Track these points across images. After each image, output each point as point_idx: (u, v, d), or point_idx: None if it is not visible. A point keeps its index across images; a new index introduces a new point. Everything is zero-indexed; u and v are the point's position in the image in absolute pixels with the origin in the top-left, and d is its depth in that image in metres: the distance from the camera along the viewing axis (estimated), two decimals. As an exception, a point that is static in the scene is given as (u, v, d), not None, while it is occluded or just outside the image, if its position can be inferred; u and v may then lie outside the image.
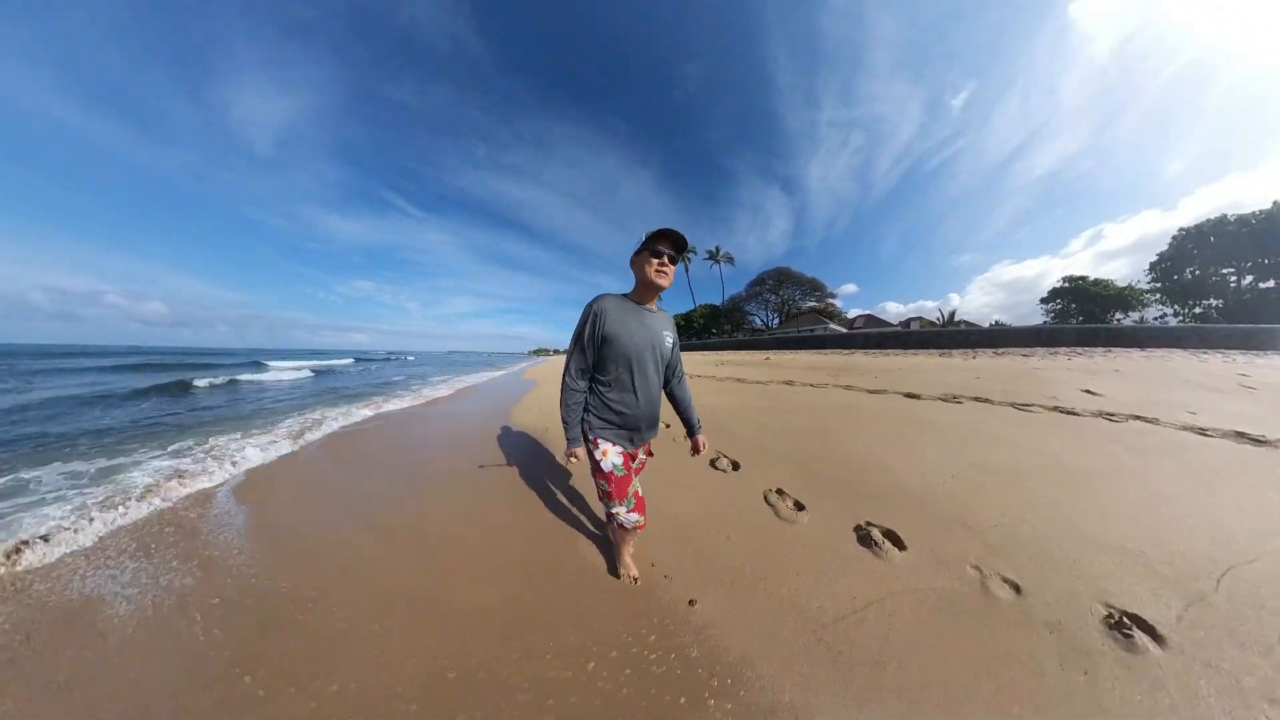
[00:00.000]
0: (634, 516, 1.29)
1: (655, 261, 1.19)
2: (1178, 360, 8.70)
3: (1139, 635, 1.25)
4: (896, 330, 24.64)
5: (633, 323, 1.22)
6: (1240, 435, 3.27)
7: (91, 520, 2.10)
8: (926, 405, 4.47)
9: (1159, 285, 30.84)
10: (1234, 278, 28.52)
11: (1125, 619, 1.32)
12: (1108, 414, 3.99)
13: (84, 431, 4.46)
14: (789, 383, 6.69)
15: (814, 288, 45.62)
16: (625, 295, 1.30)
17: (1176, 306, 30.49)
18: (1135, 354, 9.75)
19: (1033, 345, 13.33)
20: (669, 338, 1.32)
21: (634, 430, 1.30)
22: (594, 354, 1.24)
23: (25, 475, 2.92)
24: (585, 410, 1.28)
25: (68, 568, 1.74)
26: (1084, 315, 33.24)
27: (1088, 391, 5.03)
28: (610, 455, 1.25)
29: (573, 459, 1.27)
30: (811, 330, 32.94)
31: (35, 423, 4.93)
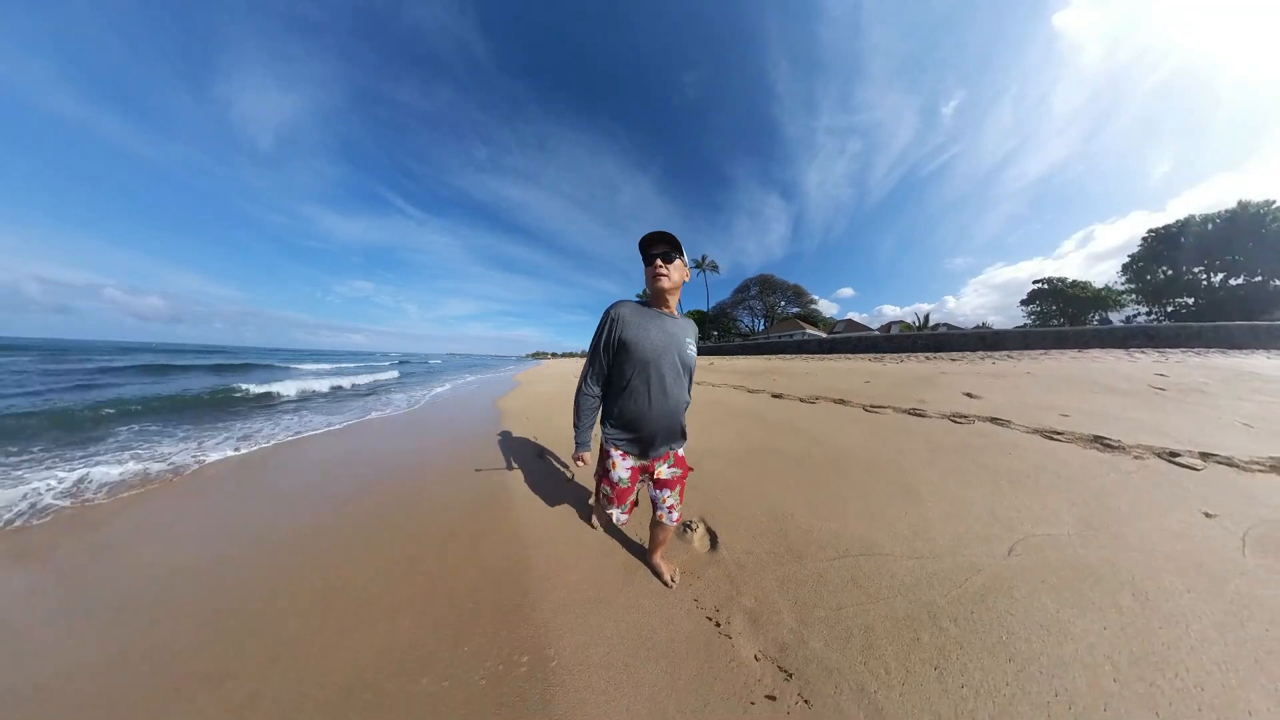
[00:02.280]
0: (624, 518, 1.35)
1: (650, 268, 1.18)
2: (1108, 361, 8.57)
3: (698, 533, 1.78)
4: (848, 336, 25.69)
5: (652, 328, 1.17)
6: (1096, 439, 3.17)
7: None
8: (781, 403, 4.65)
9: (1133, 286, 31.01)
10: (1204, 276, 28.71)
11: (706, 527, 1.82)
12: (961, 416, 3.89)
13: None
14: (697, 383, 6.71)
15: (796, 294, 46.06)
16: (643, 302, 1.26)
17: (1153, 306, 30.64)
18: (1068, 355, 9.63)
19: (976, 349, 13.19)
20: (691, 345, 1.26)
21: (648, 443, 1.24)
22: (609, 360, 1.20)
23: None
24: (603, 417, 1.27)
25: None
26: (1065, 317, 33.36)
27: (969, 394, 4.91)
28: (619, 468, 1.25)
29: (579, 463, 1.30)
30: (790, 336, 32.98)
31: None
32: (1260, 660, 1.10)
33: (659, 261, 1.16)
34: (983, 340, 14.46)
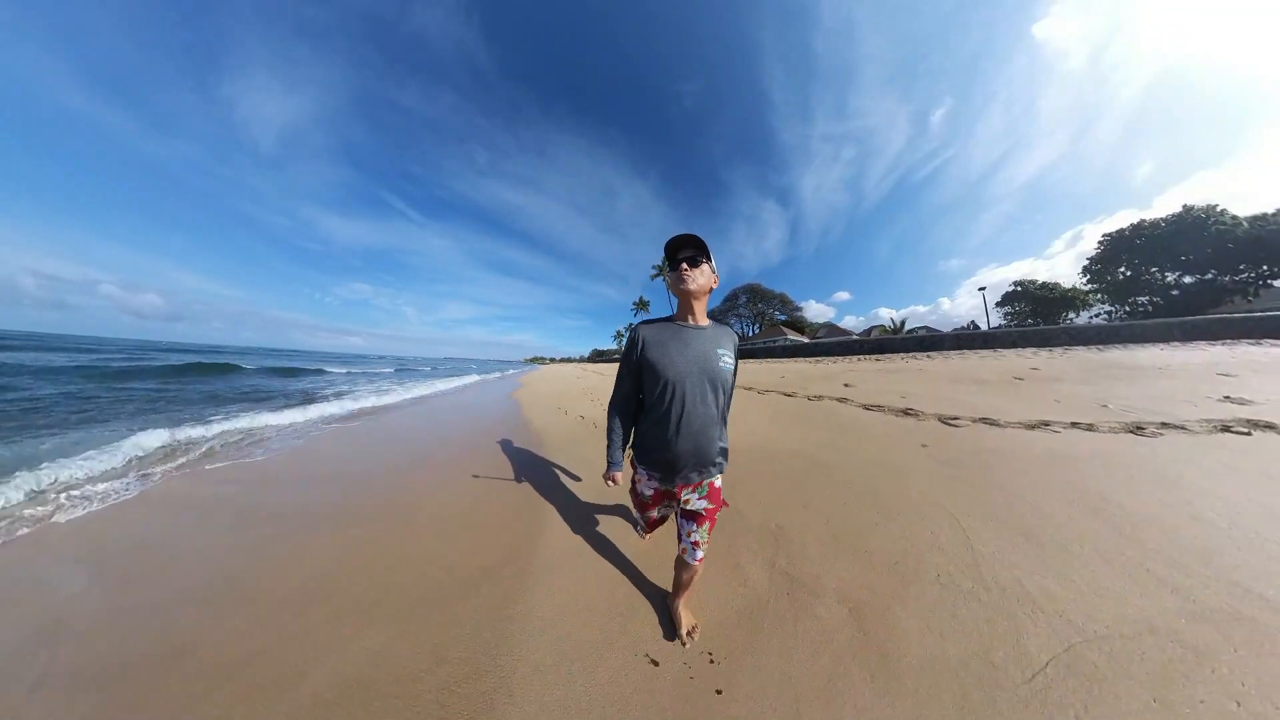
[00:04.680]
0: (643, 533, 1.47)
1: (674, 273, 1.14)
2: (1010, 359, 10.13)
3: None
4: (804, 342, 29.39)
5: (673, 346, 1.13)
6: (904, 411, 4.38)
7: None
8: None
9: (1097, 286, 32.72)
10: (1160, 276, 30.46)
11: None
12: (818, 396, 5.57)
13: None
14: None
15: (782, 302, 48.26)
16: (669, 318, 1.23)
17: (1117, 304, 32.29)
18: (978, 355, 11.27)
19: (915, 351, 14.74)
20: (725, 356, 1.15)
21: (672, 470, 1.16)
22: (634, 382, 1.20)
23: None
24: (633, 439, 1.27)
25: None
26: (1039, 316, 35.04)
27: (846, 385, 6.53)
28: (642, 484, 1.27)
29: (610, 483, 1.26)
30: (774, 341, 34.74)
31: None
32: (890, 510, 2.02)
33: (684, 265, 1.12)
34: (920, 343, 16.07)
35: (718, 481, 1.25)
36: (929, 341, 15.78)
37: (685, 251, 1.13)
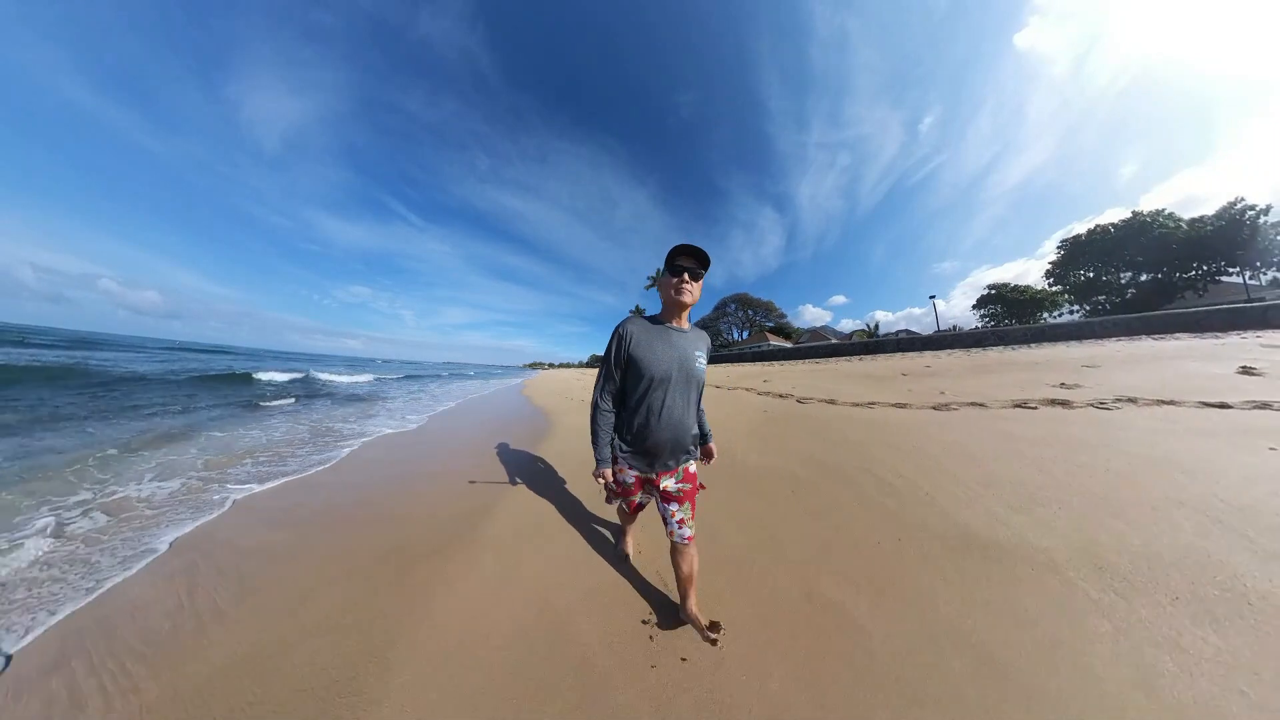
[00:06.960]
0: (627, 511, 1.52)
1: (675, 280, 1.19)
2: (926, 358, 11.95)
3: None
4: (772, 347, 32.00)
5: (658, 344, 1.20)
6: (780, 395, 6.20)
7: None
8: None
9: (1063, 287, 34.53)
10: (1118, 276, 32.33)
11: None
12: (733, 388, 7.41)
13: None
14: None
15: (769, 309, 50.32)
16: (653, 317, 1.30)
17: (1081, 304, 34.05)
18: (903, 355, 13.11)
19: (861, 354, 16.54)
20: (700, 358, 1.27)
21: (652, 458, 1.24)
22: (621, 377, 1.24)
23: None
24: (615, 429, 1.28)
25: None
26: (1013, 317, 36.75)
27: (765, 380, 8.41)
28: (624, 473, 1.28)
29: (600, 479, 1.27)
30: (757, 347, 36.67)
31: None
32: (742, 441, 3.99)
33: (686, 276, 1.18)
34: (866, 347, 17.94)
35: (692, 467, 1.32)
36: (873, 345, 17.58)
37: (689, 262, 1.19)
